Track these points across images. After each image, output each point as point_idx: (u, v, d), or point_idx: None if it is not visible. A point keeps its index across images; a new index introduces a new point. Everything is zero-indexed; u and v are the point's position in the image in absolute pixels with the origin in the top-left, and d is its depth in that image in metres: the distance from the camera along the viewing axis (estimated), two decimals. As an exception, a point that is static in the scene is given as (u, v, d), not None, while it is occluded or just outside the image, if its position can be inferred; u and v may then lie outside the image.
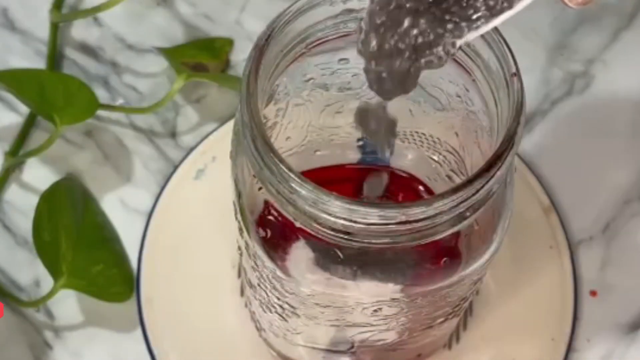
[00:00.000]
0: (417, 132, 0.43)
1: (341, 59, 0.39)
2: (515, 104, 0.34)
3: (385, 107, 0.37)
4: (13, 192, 0.52)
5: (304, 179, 0.32)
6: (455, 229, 0.34)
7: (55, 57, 0.56)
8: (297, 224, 0.34)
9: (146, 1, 0.58)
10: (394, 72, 0.35)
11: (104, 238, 0.50)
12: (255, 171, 0.34)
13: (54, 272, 0.47)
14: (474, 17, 0.34)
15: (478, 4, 0.34)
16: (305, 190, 0.32)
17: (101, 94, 0.55)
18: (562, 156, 0.54)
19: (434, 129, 0.42)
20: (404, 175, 0.45)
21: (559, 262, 0.50)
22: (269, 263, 0.37)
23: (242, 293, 0.49)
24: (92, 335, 0.49)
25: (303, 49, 0.37)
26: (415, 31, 0.34)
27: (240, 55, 0.56)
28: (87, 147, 0.54)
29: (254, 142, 0.33)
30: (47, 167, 0.53)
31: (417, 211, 0.32)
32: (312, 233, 0.34)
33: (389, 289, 0.37)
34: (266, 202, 0.36)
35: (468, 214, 0.34)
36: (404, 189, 0.45)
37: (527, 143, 0.54)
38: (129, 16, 0.58)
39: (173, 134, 0.54)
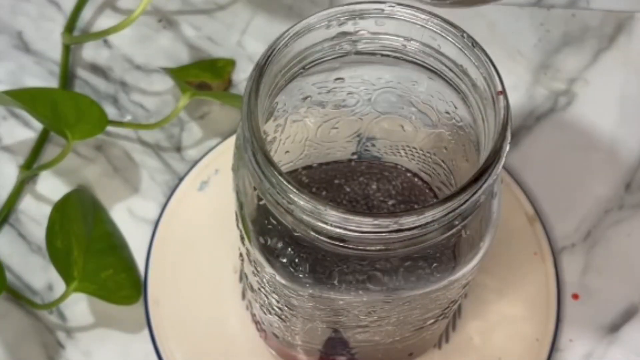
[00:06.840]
0: (408, 147, 0.44)
1: (337, 78, 0.40)
2: (502, 120, 0.34)
3: None
4: (27, 202, 0.53)
5: (302, 190, 0.33)
6: (444, 237, 0.34)
7: (67, 76, 0.56)
8: (295, 233, 0.35)
9: (153, 24, 0.59)
10: None
11: (113, 245, 0.51)
12: (255, 183, 0.35)
13: (66, 277, 0.47)
14: None
15: None
16: (302, 201, 0.33)
17: (110, 111, 0.55)
18: (546, 168, 0.54)
19: (424, 143, 0.43)
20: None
21: (543, 268, 0.50)
22: (268, 269, 0.38)
23: (243, 296, 0.49)
24: (102, 336, 0.49)
25: (301, 69, 0.38)
26: None
27: (241, 75, 0.57)
28: (97, 161, 0.54)
29: (255, 156, 0.34)
30: (59, 179, 0.53)
31: (408, 220, 0.32)
32: (310, 241, 0.34)
33: (383, 293, 0.37)
34: (266, 212, 0.36)
35: (457, 222, 0.34)
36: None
37: (513, 156, 0.54)
38: (137, 38, 0.58)
39: (178, 148, 0.55)
